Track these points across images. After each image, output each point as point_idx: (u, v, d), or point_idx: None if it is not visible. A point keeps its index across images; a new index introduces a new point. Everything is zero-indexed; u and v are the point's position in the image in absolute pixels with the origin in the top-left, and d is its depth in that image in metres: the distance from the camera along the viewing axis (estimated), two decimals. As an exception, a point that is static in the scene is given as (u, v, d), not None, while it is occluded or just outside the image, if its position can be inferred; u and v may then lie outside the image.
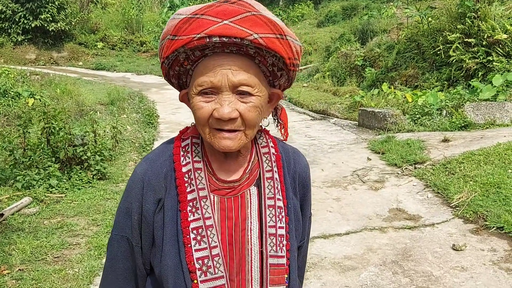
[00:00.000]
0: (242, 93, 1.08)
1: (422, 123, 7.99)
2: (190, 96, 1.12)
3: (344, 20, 20.03)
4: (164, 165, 1.18)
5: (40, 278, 3.63)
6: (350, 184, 5.70)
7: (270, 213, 1.17)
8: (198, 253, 1.11)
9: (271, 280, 1.15)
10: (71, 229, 4.59)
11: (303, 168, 1.30)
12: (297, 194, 1.27)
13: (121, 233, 1.21)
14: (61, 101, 9.61)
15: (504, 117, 7.20)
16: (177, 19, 1.08)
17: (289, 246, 1.19)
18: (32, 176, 5.51)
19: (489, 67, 9.32)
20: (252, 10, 1.05)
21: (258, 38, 1.04)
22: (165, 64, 1.13)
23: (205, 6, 1.06)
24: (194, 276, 1.10)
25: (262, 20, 1.05)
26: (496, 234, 4.15)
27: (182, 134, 1.23)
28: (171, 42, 1.08)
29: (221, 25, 1.03)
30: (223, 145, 1.10)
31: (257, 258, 1.16)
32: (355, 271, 3.78)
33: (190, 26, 1.05)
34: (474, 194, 4.78)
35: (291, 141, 8.07)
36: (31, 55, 19.04)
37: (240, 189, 1.18)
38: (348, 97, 10.82)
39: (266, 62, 1.11)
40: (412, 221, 4.63)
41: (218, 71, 1.06)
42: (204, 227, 1.12)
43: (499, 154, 5.57)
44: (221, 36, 1.03)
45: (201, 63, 1.09)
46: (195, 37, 1.04)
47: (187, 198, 1.13)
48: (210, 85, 1.07)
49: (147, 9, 23.70)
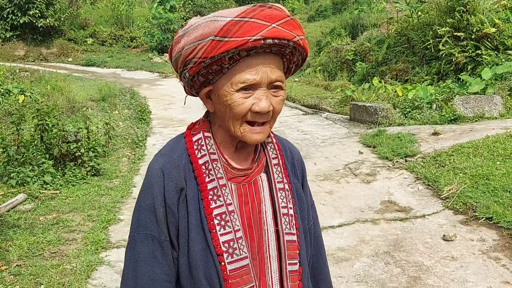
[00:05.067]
0: (275, 88, 1.21)
1: (413, 116, 8.09)
2: (224, 93, 1.19)
3: (334, 14, 20.09)
4: (181, 158, 1.25)
5: (38, 273, 3.67)
6: (343, 178, 5.79)
7: (281, 195, 1.30)
8: (224, 237, 1.20)
9: (288, 255, 1.27)
10: (67, 225, 4.62)
11: (298, 155, 1.45)
12: (298, 178, 1.40)
13: (145, 232, 1.22)
14: (52, 98, 9.56)
15: (493, 110, 7.32)
16: (221, 21, 1.14)
17: (297, 224, 1.32)
18: (26, 173, 5.53)
19: (478, 61, 9.43)
20: (288, 15, 1.18)
21: (299, 39, 1.19)
22: (204, 63, 1.17)
23: (249, 10, 1.15)
24: (222, 258, 1.19)
25: (297, 23, 1.20)
26: (485, 225, 4.25)
27: (191, 129, 1.31)
28: (219, 43, 1.13)
29: (271, 28, 1.14)
30: (255, 139, 1.22)
31: (273, 237, 1.28)
32: (348, 262, 3.86)
33: (242, 29, 1.12)
34: (464, 186, 4.88)
35: (284, 135, 8.14)
36: (20, 51, 18.90)
37: (252, 176, 1.30)
38: (339, 91, 10.90)
39: (292, 60, 1.25)
40: (403, 213, 4.72)
41: (260, 69, 1.17)
42: (227, 213, 1.22)
43: (488, 146, 5.67)
44: (274, 38, 1.14)
45: (242, 61, 1.17)
46: (251, 39, 1.12)
47: (207, 188, 1.22)
48: (253, 82, 1.17)
49: (136, 4, 23.56)
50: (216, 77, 1.21)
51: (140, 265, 1.22)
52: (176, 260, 1.24)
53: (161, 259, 1.22)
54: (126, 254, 1.26)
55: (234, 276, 1.20)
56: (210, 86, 1.23)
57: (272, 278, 1.27)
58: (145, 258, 1.22)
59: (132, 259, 1.24)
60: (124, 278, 1.25)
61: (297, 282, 1.29)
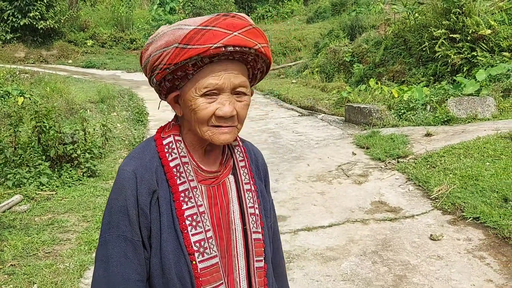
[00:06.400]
0: (238, 93, 1.26)
1: (407, 118, 8.16)
2: (189, 97, 1.25)
3: (333, 16, 20.15)
4: (153, 161, 1.30)
5: (31, 272, 3.74)
6: (335, 178, 5.86)
7: (248, 196, 1.37)
8: (195, 237, 1.25)
9: (255, 253, 1.34)
10: (62, 226, 4.70)
11: (262, 158, 1.53)
12: (262, 179, 1.48)
13: (117, 233, 1.24)
14: (51, 100, 9.64)
15: (486, 111, 7.38)
16: (185, 29, 1.20)
17: (262, 224, 1.39)
18: (22, 174, 5.61)
19: (473, 62, 9.49)
20: (251, 24, 1.24)
21: (261, 47, 1.24)
22: (169, 69, 1.24)
23: (212, 19, 1.21)
24: (193, 257, 1.25)
25: (259, 32, 1.25)
26: (472, 224, 4.32)
27: (161, 133, 1.36)
28: (183, 50, 1.20)
29: (232, 36, 1.19)
30: (223, 139, 1.27)
31: (241, 235, 1.34)
32: (336, 261, 3.93)
33: (204, 37, 1.18)
34: (453, 187, 4.95)
35: (279, 137, 8.22)
36: (20, 53, 19.01)
37: (221, 178, 1.36)
38: (335, 93, 10.97)
39: (255, 67, 1.31)
40: (393, 213, 4.79)
41: (223, 75, 1.23)
42: (198, 213, 1.27)
43: (479, 147, 5.74)
44: (235, 45, 1.20)
45: (206, 68, 1.23)
46: (212, 47, 1.18)
47: (179, 190, 1.27)
48: (216, 87, 1.23)
49: (136, 6, 23.69)
50: (182, 82, 1.27)
51: (112, 265, 1.24)
52: (147, 260, 1.27)
53: (133, 259, 1.25)
54: (97, 255, 1.28)
55: (204, 274, 1.25)
56: (177, 91, 1.29)
57: (240, 275, 1.33)
58: (118, 259, 1.24)
59: (103, 260, 1.25)
60: (95, 279, 1.27)
61: (263, 278, 1.36)
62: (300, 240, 4.33)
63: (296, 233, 4.48)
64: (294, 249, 4.15)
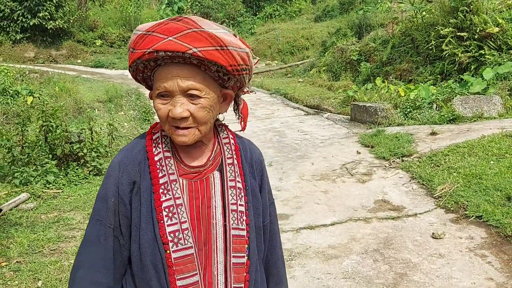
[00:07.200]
0: (191, 96, 1.29)
1: (413, 116, 8.14)
2: (153, 98, 1.35)
3: (341, 14, 20.12)
4: (139, 154, 1.38)
5: (36, 269, 3.80)
6: (339, 177, 5.87)
7: (232, 193, 1.40)
8: (170, 228, 1.31)
9: (234, 249, 1.37)
10: (67, 223, 4.76)
11: (258, 156, 1.54)
12: (256, 178, 1.50)
13: (96, 217, 1.36)
14: (59, 99, 9.76)
15: (492, 110, 7.35)
16: (136, 34, 1.30)
17: (248, 221, 1.41)
18: (29, 173, 5.69)
19: (481, 61, 9.43)
20: (194, 27, 1.24)
21: (197, 51, 1.23)
22: (131, 71, 1.37)
23: (157, 24, 1.27)
24: (167, 247, 1.30)
25: (202, 35, 1.24)
26: (475, 223, 4.31)
27: (153, 128, 1.44)
28: (132, 54, 1.31)
29: (166, 41, 1.23)
30: (179, 140, 1.33)
31: (221, 230, 1.38)
32: (337, 259, 3.94)
33: (143, 42, 1.26)
34: (457, 185, 4.94)
35: (284, 136, 8.24)
36: (30, 53, 19.21)
37: (205, 173, 1.40)
38: (341, 92, 10.97)
39: (210, 70, 1.30)
40: (396, 211, 4.79)
41: (169, 78, 1.27)
42: (175, 205, 1.32)
43: (483, 146, 5.72)
44: (166, 50, 1.23)
45: (157, 71, 1.31)
46: (146, 52, 1.26)
47: (159, 182, 1.34)
48: (164, 90, 1.29)
49: (145, 6, 23.82)
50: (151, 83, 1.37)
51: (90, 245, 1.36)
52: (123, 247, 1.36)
53: (103, 242, 1.35)
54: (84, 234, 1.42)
55: (178, 264, 1.31)
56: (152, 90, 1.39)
57: (218, 269, 1.37)
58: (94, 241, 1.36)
59: (85, 238, 1.39)
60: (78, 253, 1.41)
61: (243, 274, 1.39)
62: (302, 238, 4.35)
63: (298, 231, 4.50)
64: (296, 247, 4.17)
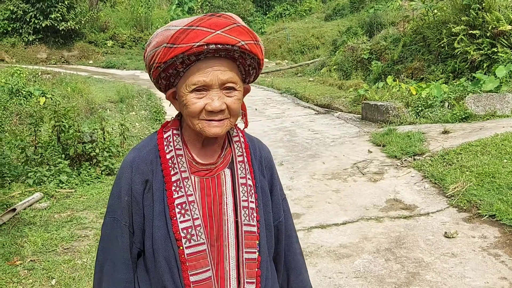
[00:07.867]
0: (228, 89, 1.32)
1: (425, 115, 8.08)
2: (181, 94, 1.34)
3: (352, 13, 20.03)
4: (151, 153, 1.40)
5: (50, 268, 3.85)
6: (350, 176, 5.85)
7: (243, 190, 1.42)
8: (183, 224, 1.34)
9: (245, 244, 1.40)
10: (80, 222, 4.81)
11: (267, 153, 1.56)
12: (265, 175, 1.52)
13: (112, 216, 1.40)
14: (72, 100, 9.85)
15: (505, 108, 7.27)
16: (172, 30, 1.29)
17: (258, 217, 1.43)
18: (43, 173, 5.75)
19: (494, 59, 9.34)
20: (235, 22, 1.30)
21: (244, 44, 1.29)
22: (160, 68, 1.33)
23: (197, 19, 1.29)
24: (180, 243, 1.33)
25: (245, 30, 1.31)
26: (488, 222, 4.27)
27: (164, 127, 1.46)
28: (169, 50, 1.28)
29: (215, 34, 1.26)
30: (213, 132, 1.34)
31: (233, 227, 1.40)
32: (349, 258, 3.94)
33: (187, 36, 1.26)
34: (469, 184, 4.90)
35: (295, 135, 8.23)
36: (42, 54, 19.39)
37: (216, 170, 1.42)
38: (352, 90, 10.92)
39: (245, 63, 1.36)
40: (408, 210, 4.77)
41: (210, 72, 1.29)
42: (187, 202, 1.35)
43: (496, 144, 5.66)
44: (216, 43, 1.26)
45: (194, 65, 1.31)
46: (195, 45, 1.26)
47: (171, 180, 1.36)
48: (203, 84, 1.30)
49: (155, 6, 23.92)
50: (176, 80, 1.36)
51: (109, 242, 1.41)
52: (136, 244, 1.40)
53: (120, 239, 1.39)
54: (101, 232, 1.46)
55: (191, 260, 1.33)
56: (174, 88, 1.38)
57: (230, 264, 1.39)
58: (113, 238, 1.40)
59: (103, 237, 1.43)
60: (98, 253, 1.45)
61: (255, 270, 1.41)
62: (313, 238, 4.34)
63: (309, 230, 4.50)
64: (307, 246, 4.17)
